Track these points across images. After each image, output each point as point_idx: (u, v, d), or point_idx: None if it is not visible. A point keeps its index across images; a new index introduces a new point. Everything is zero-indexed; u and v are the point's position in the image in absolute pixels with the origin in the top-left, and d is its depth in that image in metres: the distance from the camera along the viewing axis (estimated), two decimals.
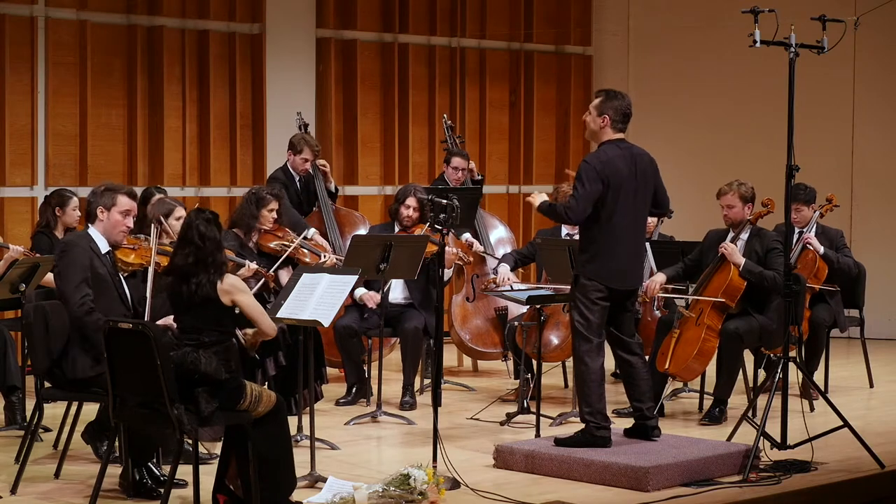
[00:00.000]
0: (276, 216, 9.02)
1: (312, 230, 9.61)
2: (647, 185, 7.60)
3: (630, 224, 7.51)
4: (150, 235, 7.54)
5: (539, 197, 7.74)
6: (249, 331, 6.70)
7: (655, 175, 7.67)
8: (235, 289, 6.43)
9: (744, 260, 8.79)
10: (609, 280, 7.47)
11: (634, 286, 7.69)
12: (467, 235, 10.49)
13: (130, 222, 7.28)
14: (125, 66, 11.43)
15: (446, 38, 13.32)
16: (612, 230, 7.44)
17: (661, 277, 9.00)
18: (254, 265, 8.28)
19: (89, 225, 7.36)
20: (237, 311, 6.49)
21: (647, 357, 8.86)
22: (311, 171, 10.50)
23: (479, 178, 11.31)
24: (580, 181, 7.42)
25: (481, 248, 10.54)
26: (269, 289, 8.46)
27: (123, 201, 7.24)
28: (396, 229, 9.62)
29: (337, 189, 10.85)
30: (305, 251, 9.16)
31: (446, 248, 9.02)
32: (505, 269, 9.79)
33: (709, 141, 13.81)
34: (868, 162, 13.31)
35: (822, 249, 9.73)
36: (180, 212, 8.11)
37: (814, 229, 9.89)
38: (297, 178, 10.49)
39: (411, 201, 9.59)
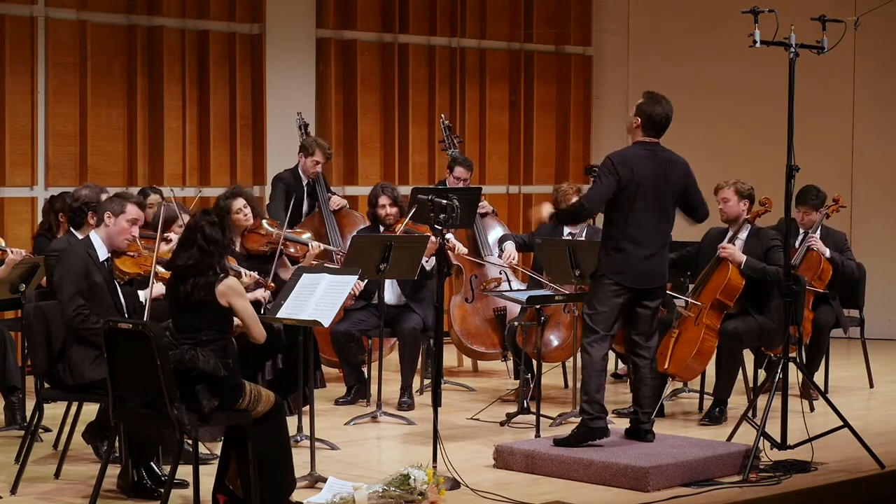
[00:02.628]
0: (248, 211, 8.91)
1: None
2: (671, 189, 7.63)
3: (648, 224, 7.54)
4: (151, 239, 7.54)
5: (546, 208, 7.87)
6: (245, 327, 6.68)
7: (685, 179, 7.71)
8: (233, 291, 6.43)
9: (745, 258, 8.80)
10: (622, 276, 7.51)
11: (653, 285, 7.66)
12: (449, 236, 10.44)
13: (136, 231, 7.30)
14: (125, 66, 11.43)
15: (446, 39, 13.32)
16: (627, 228, 7.51)
17: None
18: (254, 273, 8.22)
19: (73, 230, 7.37)
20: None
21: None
22: (319, 174, 10.51)
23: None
24: (598, 175, 7.55)
25: (464, 251, 10.46)
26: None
27: (132, 210, 7.26)
28: (381, 230, 9.60)
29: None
30: (292, 243, 9.11)
31: (429, 237, 9.01)
32: (511, 245, 9.74)
33: (709, 141, 13.79)
34: (868, 162, 13.31)
35: (827, 252, 9.75)
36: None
37: (819, 231, 9.89)
38: (304, 182, 10.51)
39: (383, 200, 9.58)
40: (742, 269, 8.79)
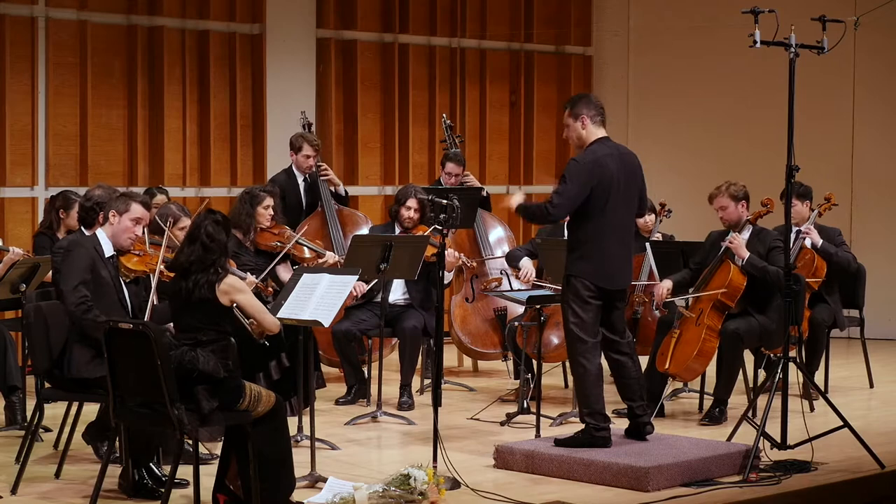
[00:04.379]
0: (272, 212, 9.04)
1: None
2: (635, 184, 7.62)
3: (620, 223, 7.51)
4: (156, 240, 7.56)
5: (516, 197, 7.70)
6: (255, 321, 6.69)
7: (642, 173, 7.69)
8: (234, 289, 6.44)
9: (748, 254, 8.80)
10: (600, 279, 7.47)
11: (625, 285, 7.69)
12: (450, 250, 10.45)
13: (140, 231, 7.31)
14: (125, 66, 11.44)
15: (446, 39, 13.32)
16: (602, 229, 7.44)
17: (668, 283, 8.99)
18: (253, 278, 8.23)
19: (82, 228, 7.40)
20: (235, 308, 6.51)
21: (644, 356, 8.90)
22: (315, 171, 10.53)
23: (485, 195, 11.13)
24: (567, 180, 7.41)
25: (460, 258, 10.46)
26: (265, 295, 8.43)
27: (136, 209, 7.28)
28: (397, 230, 9.62)
29: (347, 192, 10.86)
30: (304, 248, 9.16)
31: (448, 251, 9.02)
32: (528, 262, 9.73)
33: (709, 141, 13.82)
34: (868, 162, 13.31)
35: (820, 241, 9.75)
36: (185, 222, 8.09)
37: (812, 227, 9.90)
38: (300, 179, 10.51)
39: (412, 203, 9.60)
40: (743, 265, 8.78)
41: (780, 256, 8.70)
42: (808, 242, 9.80)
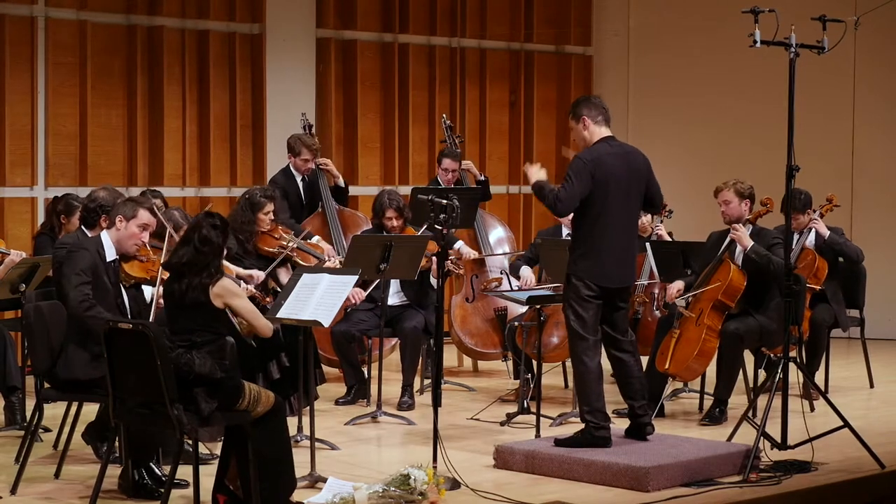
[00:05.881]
0: (272, 217, 9.01)
1: (308, 232, 9.58)
2: (639, 184, 7.60)
3: (621, 222, 7.51)
4: (156, 243, 7.57)
5: (537, 172, 7.62)
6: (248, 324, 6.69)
7: (648, 173, 7.67)
8: (228, 292, 6.43)
9: (752, 242, 8.79)
10: (600, 278, 7.47)
11: (626, 284, 7.68)
12: (460, 244, 10.43)
13: (146, 237, 7.32)
14: (125, 66, 11.44)
15: (446, 38, 13.32)
16: (602, 228, 7.44)
17: (679, 284, 9.01)
18: (251, 287, 8.20)
19: (83, 228, 7.40)
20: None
21: (644, 356, 8.89)
22: (314, 169, 10.53)
23: (483, 178, 11.29)
24: (571, 176, 7.42)
25: (473, 254, 10.48)
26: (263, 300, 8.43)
27: (144, 216, 7.28)
28: None
29: (347, 184, 10.87)
30: (304, 253, 9.15)
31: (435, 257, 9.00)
32: (528, 271, 9.78)
33: (709, 141, 13.81)
34: (868, 162, 13.31)
35: (827, 233, 9.77)
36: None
37: (812, 233, 9.89)
38: (299, 179, 10.51)
39: (390, 213, 9.50)
40: (747, 252, 8.75)
41: (781, 251, 8.69)
42: (809, 240, 9.80)
